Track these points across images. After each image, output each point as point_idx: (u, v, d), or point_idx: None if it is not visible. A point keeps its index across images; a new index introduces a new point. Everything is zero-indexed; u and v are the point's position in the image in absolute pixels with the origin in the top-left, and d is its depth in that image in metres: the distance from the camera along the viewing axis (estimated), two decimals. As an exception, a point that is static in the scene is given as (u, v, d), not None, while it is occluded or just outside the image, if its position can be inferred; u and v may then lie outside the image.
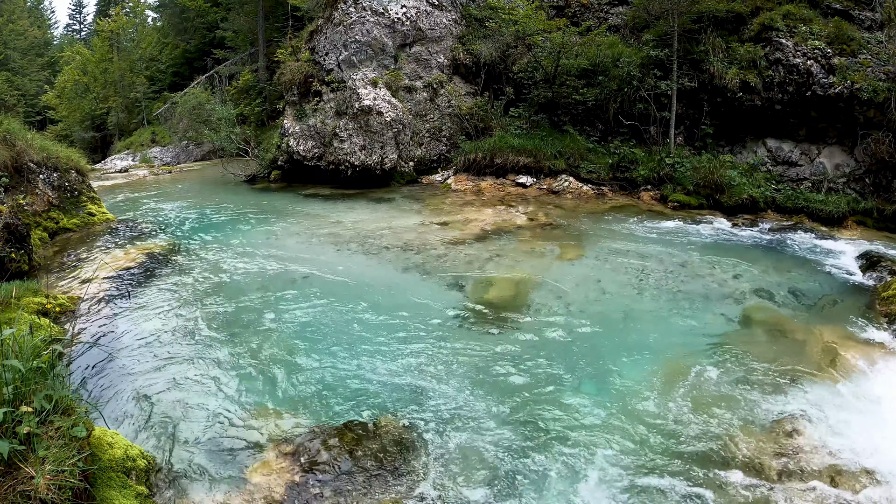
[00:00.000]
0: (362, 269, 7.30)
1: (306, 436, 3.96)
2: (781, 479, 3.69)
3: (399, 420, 4.18)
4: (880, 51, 10.48)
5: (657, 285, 6.85)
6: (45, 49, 46.30)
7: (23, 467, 2.52)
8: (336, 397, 4.46)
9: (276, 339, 5.32)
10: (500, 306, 6.23)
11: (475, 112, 14.05)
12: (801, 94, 10.64)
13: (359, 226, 9.53)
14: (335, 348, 5.19)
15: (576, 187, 11.80)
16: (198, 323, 5.61)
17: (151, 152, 24.25)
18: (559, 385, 4.69)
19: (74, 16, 57.86)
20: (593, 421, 4.24)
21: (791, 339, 5.50)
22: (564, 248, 8.22)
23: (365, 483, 3.57)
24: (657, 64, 12.16)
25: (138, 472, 3.28)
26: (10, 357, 2.78)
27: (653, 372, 4.89)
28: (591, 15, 14.52)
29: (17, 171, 8.10)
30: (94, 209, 9.13)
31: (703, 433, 4.11)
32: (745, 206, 10.38)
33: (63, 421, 2.81)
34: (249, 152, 16.44)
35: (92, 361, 4.80)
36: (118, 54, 32.58)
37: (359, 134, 13.09)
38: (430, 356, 5.10)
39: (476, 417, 4.24)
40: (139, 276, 6.77)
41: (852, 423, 4.20)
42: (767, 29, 11.40)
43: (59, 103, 33.92)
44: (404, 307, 6.08)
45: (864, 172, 10.37)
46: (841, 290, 6.81)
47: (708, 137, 12.02)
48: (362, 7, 13.88)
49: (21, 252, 6.42)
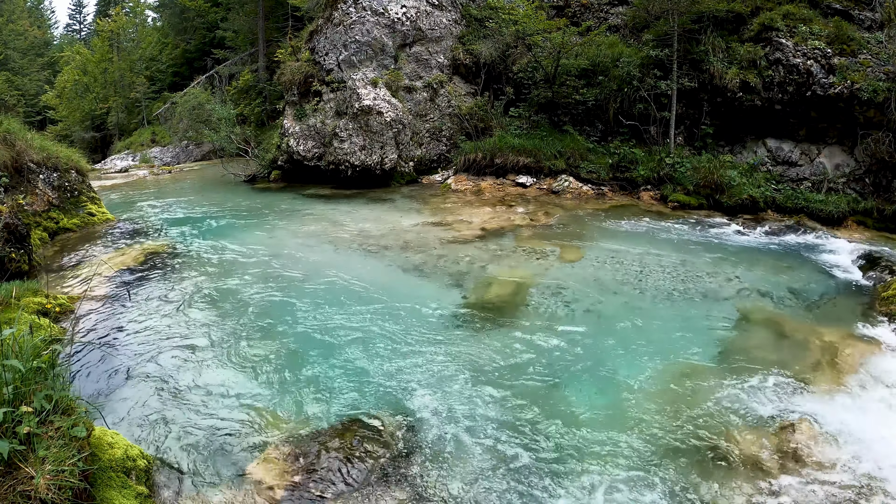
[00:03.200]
0: (362, 269, 7.30)
1: (306, 436, 3.96)
2: (782, 478, 3.70)
3: (399, 420, 4.18)
4: (880, 51, 10.48)
5: (657, 285, 6.85)
6: (45, 49, 46.31)
7: (23, 467, 2.52)
8: (336, 397, 4.46)
9: (275, 340, 5.32)
10: (501, 306, 6.23)
11: (475, 112, 14.05)
12: (801, 94, 10.64)
13: (359, 226, 9.53)
14: (335, 349, 5.19)
15: (576, 187, 11.80)
16: (198, 323, 5.61)
17: (151, 152, 24.26)
18: (560, 385, 4.69)
19: (74, 16, 57.87)
20: (593, 421, 4.25)
21: (791, 339, 5.50)
22: (564, 248, 8.22)
23: (365, 483, 3.57)
24: (657, 64, 12.15)
25: (138, 472, 3.28)
26: (10, 357, 2.78)
27: (653, 372, 4.89)
28: (591, 15, 14.52)
29: (17, 171, 8.10)
30: (94, 209, 9.14)
31: (704, 433, 4.11)
32: (745, 206, 10.38)
33: (63, 421, 2.81)
34: (249, 152, 16.43)
35: (92, 361, 4.81)
36: (118, 54, 32.58)
37: (359, 134, 13.09)
38: (430, 356, 5.10)
39: (477, 418, 4.24)
40: (139, 276, 6.77)
41: (852, 422, 4.20)
42: (767, 29, 11.40)
43: (59, 103, 33.92)
44: (404, 307, 6.08)
45: (864, 172, 10.37)
46: (841, 290, 6.82)
47: (708, 137, 12.02)
48: (362, 7, 13.88)
49: (21, 252, 6.42)
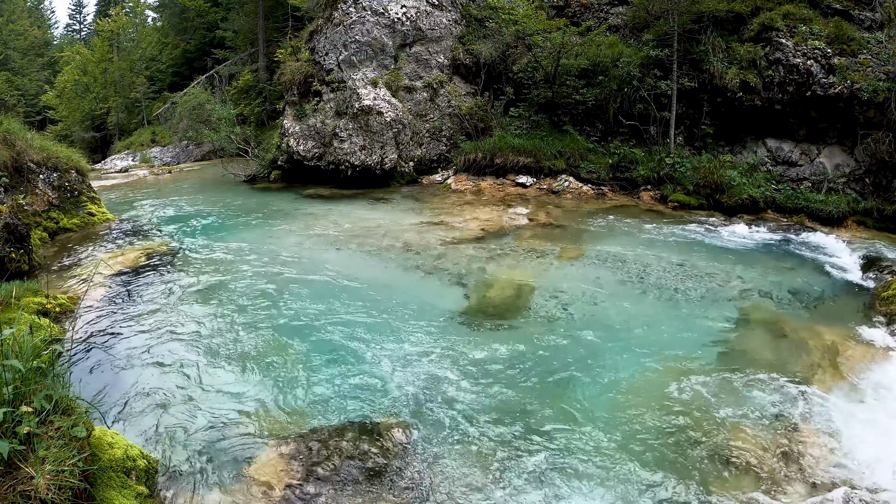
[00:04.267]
0: (362, 270, 7.30)
1: (306, 436, 3.96)
2: (781, 477, 3.70)
3: (399, 420, 4.18)
4: (880, 51, 10.48)
5: (657, 285, 6.85)
6: (45, 49, 46.30)
7: (23, 467, 2.52)
8: (336, 397, 4.46)
9: (275, 340, 5.32)
10: (501, 306, 6.23)
11: (475, 112, 14.05)
12: (801, 94, 10.64)
13: (359, 226, 9.53)
14: (335, 349, 5.19)
15: (576, 187, 11.80)
16: (197, 323, 5.61)
17: (151, 152, 24.25)
18: (560, 386, 4.69)
19: (74, 16, 57.86)
20: (594, 421, 4.25)
21: (791, 339, 5.50)
22: (564, 248, 8.22)
23: (365, 484, 3.57)
24: (657, 64, 12.15)
25: (138, 472, 3.28)
26: (10, 357, 2.78)
27: (653, 371, 4.90)
28: (591, 15, 14.52)
29: (17, 171, 8.10)
30: (94, 209, 9.13)
31: (703, 432, 4.11)
32: (745, 206, 10.38)
33: (63, 421, 2.81)
34: (249, 152, 16.43)
35: (92, 361, 4.80)
36: (118, 54, 32.57)
37: (359, 134, 13.09)
38: (430, 356, 5.10)
39: (476, 418, 4.24)
40: (139, 276, 6.77)
41: (852, 422, 4.20)
42: (767, 29, 11.41)
43: (59, 103, 33.92)
44: (404, 307, 6.08)
45: (864, 172, 10.37)
46: (841, 290, 6.82)
47: (708, 137, 12.02)
48: (362, 7, 13.88)
49: (21, 252, 6.42)
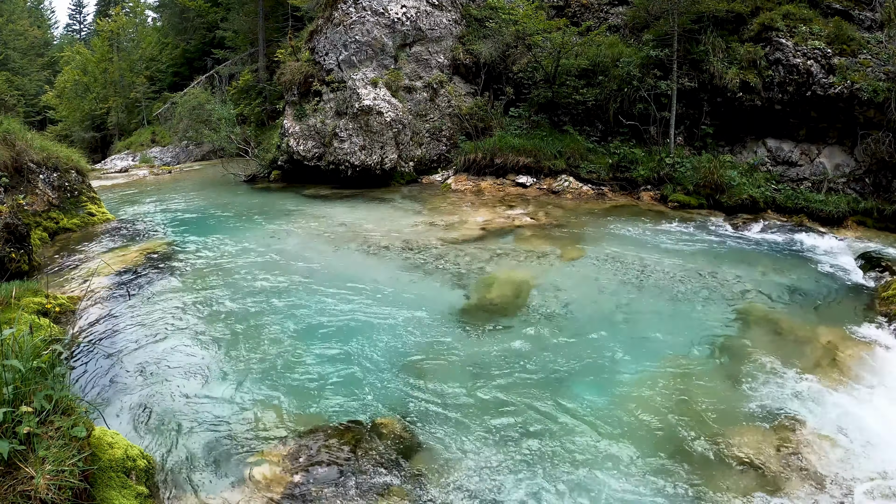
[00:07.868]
0: (362, 269, 7.30)
1: (306, 436, 3.96)
2: (781, 477, 3.69)
3: (399, 420, 4.18)
4: (880, 51, 10.47)
5: (657, 285, 6.85)
6: (45, 49, 46.35)
7: (23, 467, 2.52)
8: (336, 397, 4.46)
9: (275, 340, 5.32)
10: (501, 306, 6.23)
11: (475, 112, 14.05)
12: (801, 94, 10.64)
13: (359, 226, 9.53)
14: (335, 348, 5.19)
15: (576, 187, 11.80)
16: (197, 323, 5.61)
17: (151, 152, 24.27)
18: (560, 385, 4.69)
19: (74, 16, 57.91)
20: (593, 421, 4.25)
21: (791, 339, 5.50)
22: (565, 248, 8.22)
23: (364, 483, 3.57)
24: (657, 64, 12.15)
25: (138, 472, 3.28)
26: (10, 357, 2.78)
27: (653, 371, 4.90)
28: (591, 15, 14.51)
29: (17, 171, 8.10)
30: (94, 209, 9.14)
31: (704, 432, 4.11)
32: (745, 206, 10.37)
33: (63, 421, 2.81)
34: (249, 152, 16.44)
35: (92, 361, 4.81)
36: (118, 54, 32.59)
37: (359, 134, 13.09)
38: (430, 356, 5.10)
39: (476, 418, 4.24)
40: (139, 276, 6.77)
41: (852, 422, 4.20)
42: (767, 29, 11.40)
43: (59, 103, 33.96)
44: (404, 307, 6.08)
45: (864, 172, 10.36)
46: (841, 290, 6.81)
47: (708, 137, 12.02)
48: (362, 7, 13.88)
49: (21, 252, 6.42)
